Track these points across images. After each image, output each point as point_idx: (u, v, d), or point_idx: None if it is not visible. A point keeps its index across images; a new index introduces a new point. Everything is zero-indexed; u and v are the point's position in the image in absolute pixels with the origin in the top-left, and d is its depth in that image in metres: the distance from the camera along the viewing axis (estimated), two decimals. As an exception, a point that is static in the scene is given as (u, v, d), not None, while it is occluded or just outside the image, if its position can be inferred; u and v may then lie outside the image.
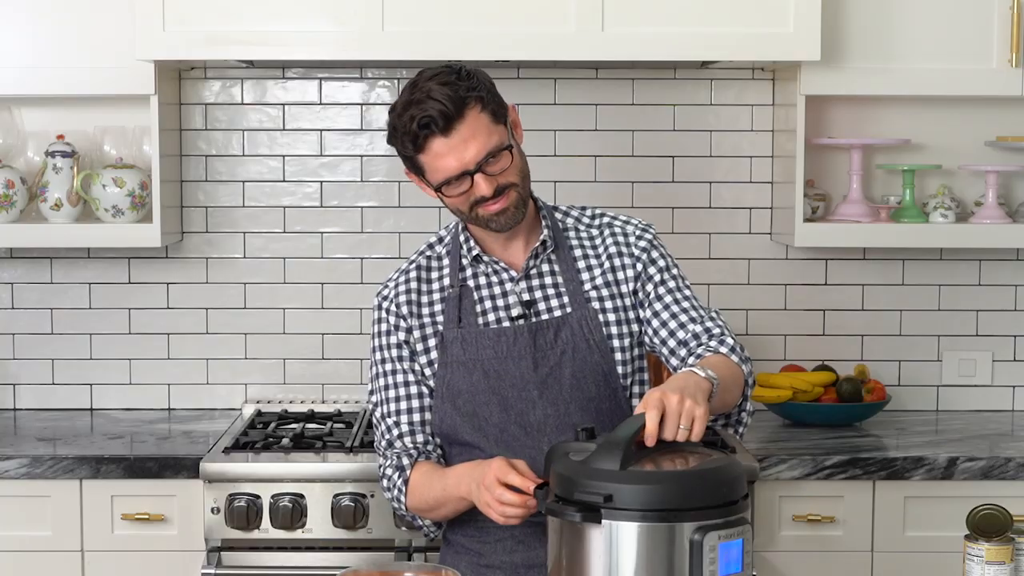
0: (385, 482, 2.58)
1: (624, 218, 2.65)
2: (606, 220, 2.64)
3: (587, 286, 2.56)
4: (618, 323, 2.55)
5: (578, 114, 3.85)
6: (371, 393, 2.65)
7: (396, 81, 3.86)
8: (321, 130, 3.87)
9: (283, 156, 3.87)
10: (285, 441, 3.38)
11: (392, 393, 2.59)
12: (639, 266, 2.58)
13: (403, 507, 2.57)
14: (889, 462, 3.31)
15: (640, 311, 2.57)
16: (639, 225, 2.63)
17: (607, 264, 2.58)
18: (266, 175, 3.87)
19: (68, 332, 3.89)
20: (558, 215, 2.64)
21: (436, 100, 2.39)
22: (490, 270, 2.58)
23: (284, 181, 3.88)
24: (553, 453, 2.21)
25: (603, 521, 2.03)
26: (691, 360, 2.45)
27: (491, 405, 2.52)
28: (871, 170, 3.85)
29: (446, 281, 2.60)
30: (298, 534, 3.23)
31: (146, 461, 3.31)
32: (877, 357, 3.91)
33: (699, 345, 2.49)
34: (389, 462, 2.58)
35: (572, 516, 2.05)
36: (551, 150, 3.86)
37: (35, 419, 3.78)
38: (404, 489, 2.54)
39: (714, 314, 2.55)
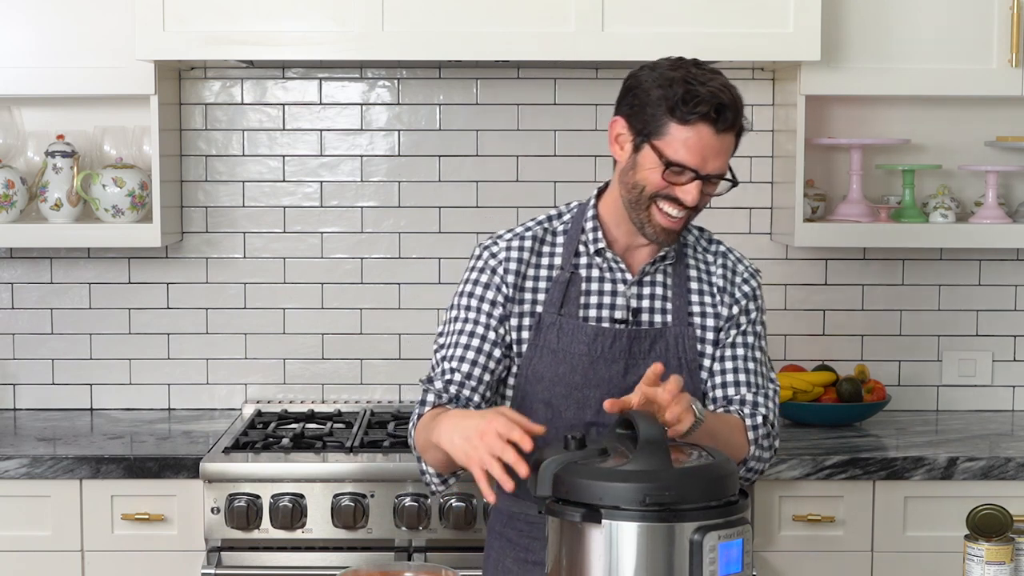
0: (413, 417, 2.49)
1: (737, 254, 2.62)
2: (722, 249, 2.61)
3: (694, 307, 2.54)
4: (711, 347, 2.54)
5: (578, 114, 3.85)
6: (440, 335, 2.55)
7: (396, 81, 3.86)
8: (321, 130, 3.87)
9: (283, 156, 3.87)
10: (285, 441, 3.38)
11: (464, 340, 2.50)
12: (735, 309, 2.56)
13: (413, 443, 2.49)
14: (889, 462, 3.31)
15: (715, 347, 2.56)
16: (749, 268, 2.61)
17: (716, 293, 2.56)
18: (266, 175, 3.87)
19: (68, 332, 3.89)
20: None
21: (735, 102, 2.38)
22: (606, 266, 2.53)
23: (284, 181, 3.88)
24: (557, 468, 2.12)
25: (603, 521, 2.03)
26: (711, 407, 2.50)
27: (569, 400, 2.48)
28: (871, 170, 3.85)
29: (557, 260, 2.54)
30: (298, 534, 3.23)
31: (146, 461, 3.31)
32: (877, 357, 3.91)
33: (730, 403, 2.52)
34: (420, 398, 2.50)
35: (572, 516, 2.05)
36: (551, 150, 3.86)
37: (35, 419, 3.78)
38: (416, 423, 2.46)
39: (771, 391, 2.56)
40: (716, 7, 3.41)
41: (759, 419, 2.51)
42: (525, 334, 2.51)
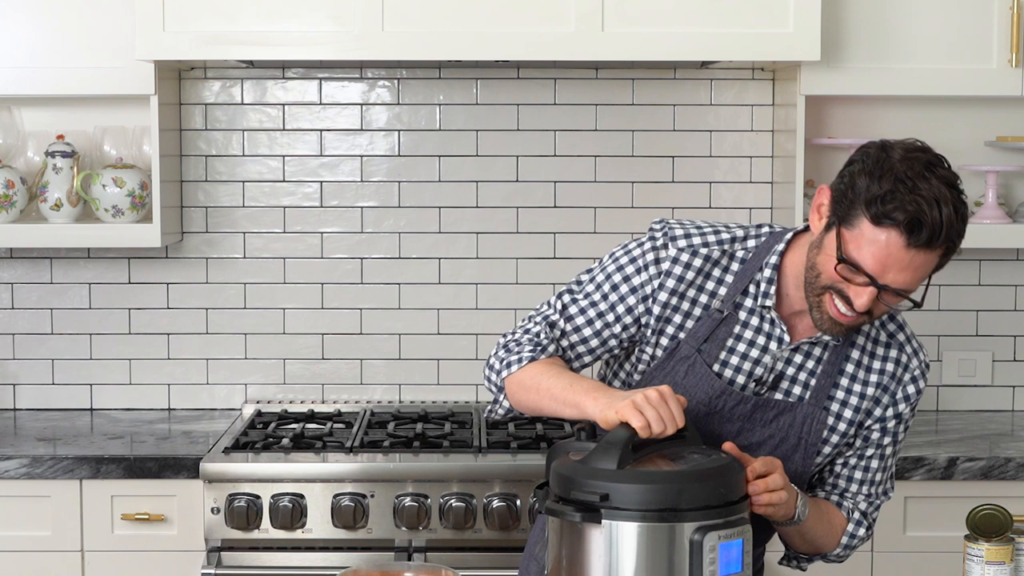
0: (511, 344, 2.35)
1: (916, 345, 2.42)
2: (900, 338, 2.40)
3: (839, 391, 2.36)
4: (839, 436, 2.38)
5: (578, 114, 3.85)
6: (567, 292, 2.38)
7: (396, 81, 3.86)
8: (321, 130, 3.87)
9: (283, 156, 3.87)
10: (285, 441, 3.38)
11: (594, 312, 2.36)
12: (890, 411, 2.40)
13: (506, 371, 2.32)
14: (889, 462, 3.30)
15: (853, 438, 2.41)
16: (923, 362, 2.42)
17: (871, 385, 2.38)
18: (266, 175, 3.87)
19: (68, 332, 3.89)
20: None
21: (942, 224, 2.12)
22: (767, 321, 2.34)
23: (284, 181, 3.88)
24: (554, 452, 2.21)
25: (603, 521, 2.03)
26: (818, 494, 2.45)
27: None
28: (871, 170, 3.85)
29: (722, 291, 2.34)
30: (298, 534, 3.23)
31: (146, 461, 3.31)
32: (877, 357, 3.91)
33: (843, 498, 2.45)
34: (531, 335, 2.34)
35: (572, 516, 2.05)
36: (551, 150, 3.86)
37: (35, 419, 3.78)
38: (533, 357, 2.30)
39: (886, 499, 2.47)
40: (716, 7, 3.41)
41: (862, 530, 2.44)
42: (658, 351, 2.36)
